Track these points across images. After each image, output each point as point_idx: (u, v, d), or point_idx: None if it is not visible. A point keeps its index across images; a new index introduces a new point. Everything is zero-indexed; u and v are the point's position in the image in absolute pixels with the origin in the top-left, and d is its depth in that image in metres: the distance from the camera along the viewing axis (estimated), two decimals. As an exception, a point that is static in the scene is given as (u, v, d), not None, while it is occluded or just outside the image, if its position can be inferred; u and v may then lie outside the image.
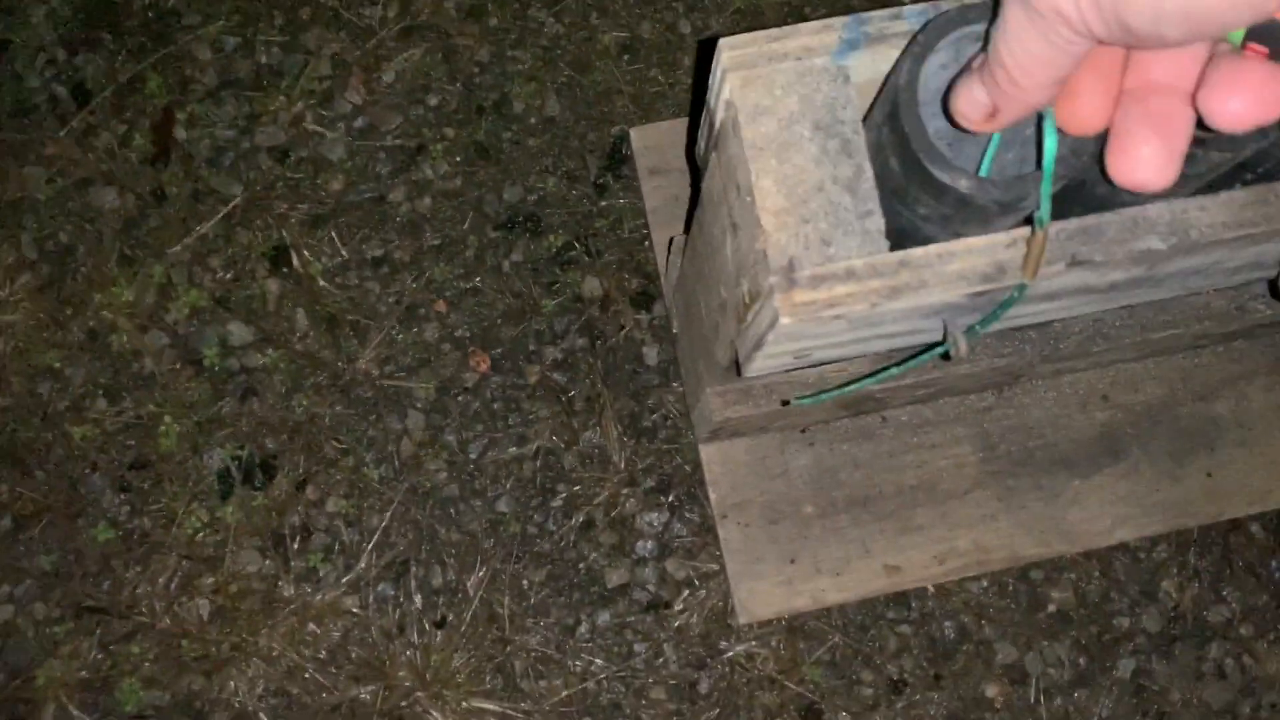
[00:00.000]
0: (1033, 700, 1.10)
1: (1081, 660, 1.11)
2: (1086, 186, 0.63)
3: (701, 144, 0.74)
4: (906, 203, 0.60)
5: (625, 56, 1.19)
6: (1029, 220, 0.61)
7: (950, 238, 0.60)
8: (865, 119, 0.66)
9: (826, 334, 0.64)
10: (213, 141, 1.14)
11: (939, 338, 0.70)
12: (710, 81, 0.66)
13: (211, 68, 1.15)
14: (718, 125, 0.67)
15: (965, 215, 0.58)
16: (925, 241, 0.61)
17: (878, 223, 0.60)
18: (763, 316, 0.63)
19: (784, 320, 0.60)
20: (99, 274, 1.12)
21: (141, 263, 1.12)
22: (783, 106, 0.62)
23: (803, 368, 0.89)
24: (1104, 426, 1.13)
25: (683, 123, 1.16)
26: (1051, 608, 1.12)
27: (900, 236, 0.62)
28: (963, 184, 0.55)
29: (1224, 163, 0.59)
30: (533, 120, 1.17)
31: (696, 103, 1.17)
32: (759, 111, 0.62)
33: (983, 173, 0.59)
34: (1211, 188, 0.62)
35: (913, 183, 0.58)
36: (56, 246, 1.12)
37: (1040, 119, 0.51)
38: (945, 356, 0.68)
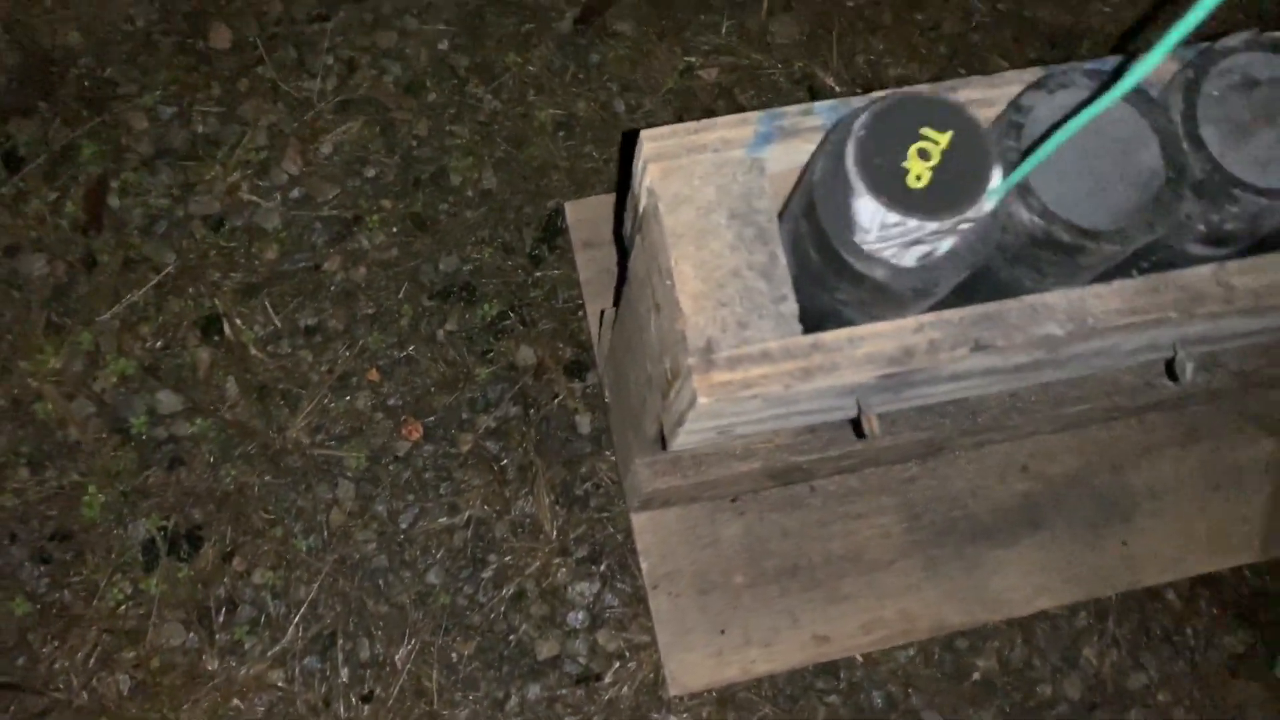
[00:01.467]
0: (959, 769, 1.11)
1: (1006, 728, 1.13)
2: (990, 272, 0.66)
3: (627, 226, 0.77)
4: (826, 288, 0.63)
5: (561, 133, 1.22)
6: (942, 304, 0.64)
7: (869, 319, 0.63)
8: (784, 210, 0.68)
9: (744, 412, 0.66)
10: (146, 210, 1.14)
11: (852, 414, 0.73)
12: (633, 170, 0.68)
13: (147, 136, 1.16)
14: (641, 210, 0.69)
15: (883, 300, 0.61)
16: (846, 323, 0.63)
17: (791, 307, 0.63)
18: (683, 395, 0.65)
19: (702, 400, 0.61)
20: (25, 341, 1.11)
21: (70, 330, 1.11)
22: (701, 195, 0.64)
23: (727, 440, 0.91)
24: (1023, 496, 1.16)
25: (612, 198, 1.19)
26: (976, 676, 1.14)
27: (821, 318, 0.64)
28: (879, 273, 0.58)
29: (1116, 254, 0.63)
30: (470, 193, 1.19)
31: (624, 183, 1.20)
32: (679, 200, 0.64)
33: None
34: (1106, 277, 0.66)
35: (830, 271, 0.60)
36: (-18, 313, 1.11)
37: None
38: (859, 434, 0.70)
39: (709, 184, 0.64)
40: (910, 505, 1.15)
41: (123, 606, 1.06)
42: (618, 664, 1.11)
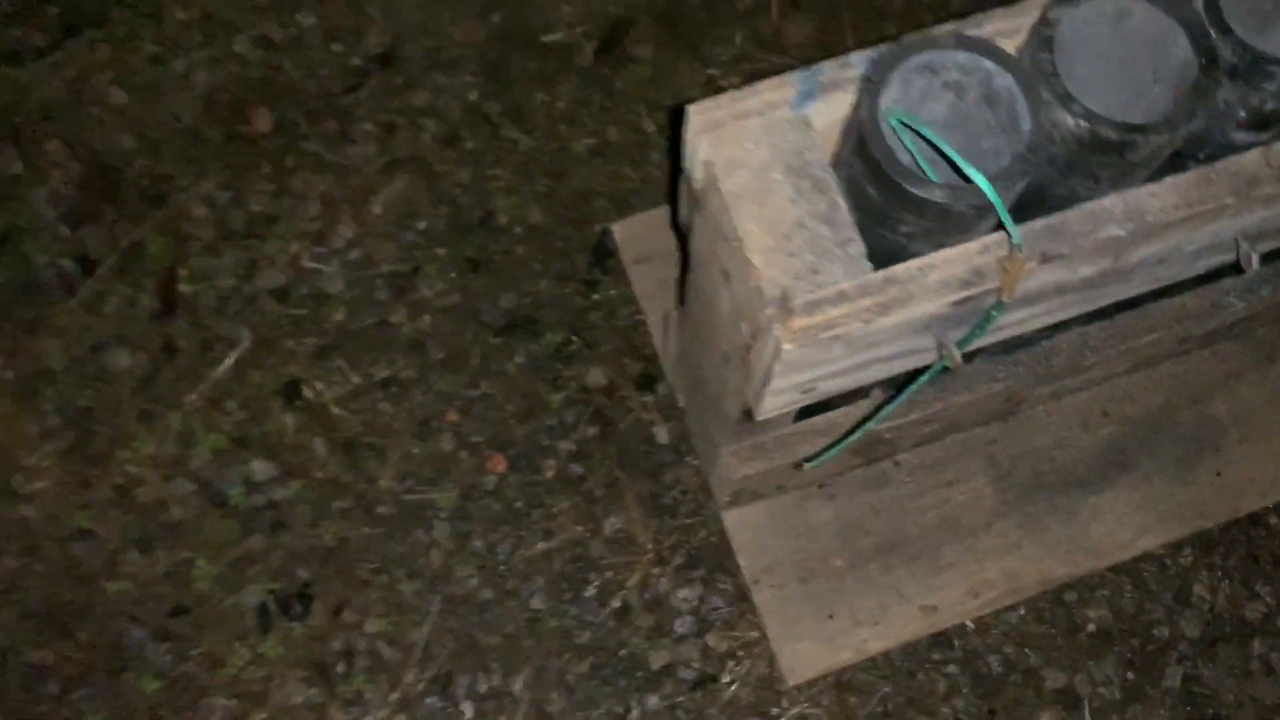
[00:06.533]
0: (1090, 723, 1.10)
1: (1129, 675, 1.11)
2: (1046, 188, 0.68)
3: (683, 209, 0.79)
4: (889, 225, 0.65)
5: (597, 160, 1.26)
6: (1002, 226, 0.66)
7: (936, 249, 0.65)
8: (837, 158, 0.71)
9: (827, 360, 0.68)
10: (216, 291, 1.19)
11: (932, 359, 0.74)
12: (683, 147, 0.71)
13: (208, 223, 1.21)
14: (697, 185, 0.72)
15: (946, 225, 0.63)
16: (907, 258, 0.65)
17: (859, 248, 0.65)
18: (766, 350, 0.67)
19: (787, 347, 0.63)
20: (120, 431, 1.15)
21: (160, 415, 1.15)
22: (754, 157, 0.67)
23: (812, 411, 0.92)
24: (1109, 441, 1.16)
25: (660, 212, 1.22)
26: (1091, 627, 1.13)
27: (889, 259, 0.66)
28: (938, 194, 0.60)
29: (1164, 147, 0.64)
30: (518, 229, 1.23)
31: (675, 181, 1.23)
32: (734, 165, 0.67)
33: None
34: (1159, 176, 0.67)
35: (893, 204, 0.63)
36: (77, 411, 1.15)
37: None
38: (944, 370, 0.72)
39: (761, 145, 0.67)
40: (997, 466, 1.15)
41: (245, 672, 1.09)
42: (731, 663, 1.11)
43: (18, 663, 1.09)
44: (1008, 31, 0.69)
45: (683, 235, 0.83)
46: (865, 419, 0.81)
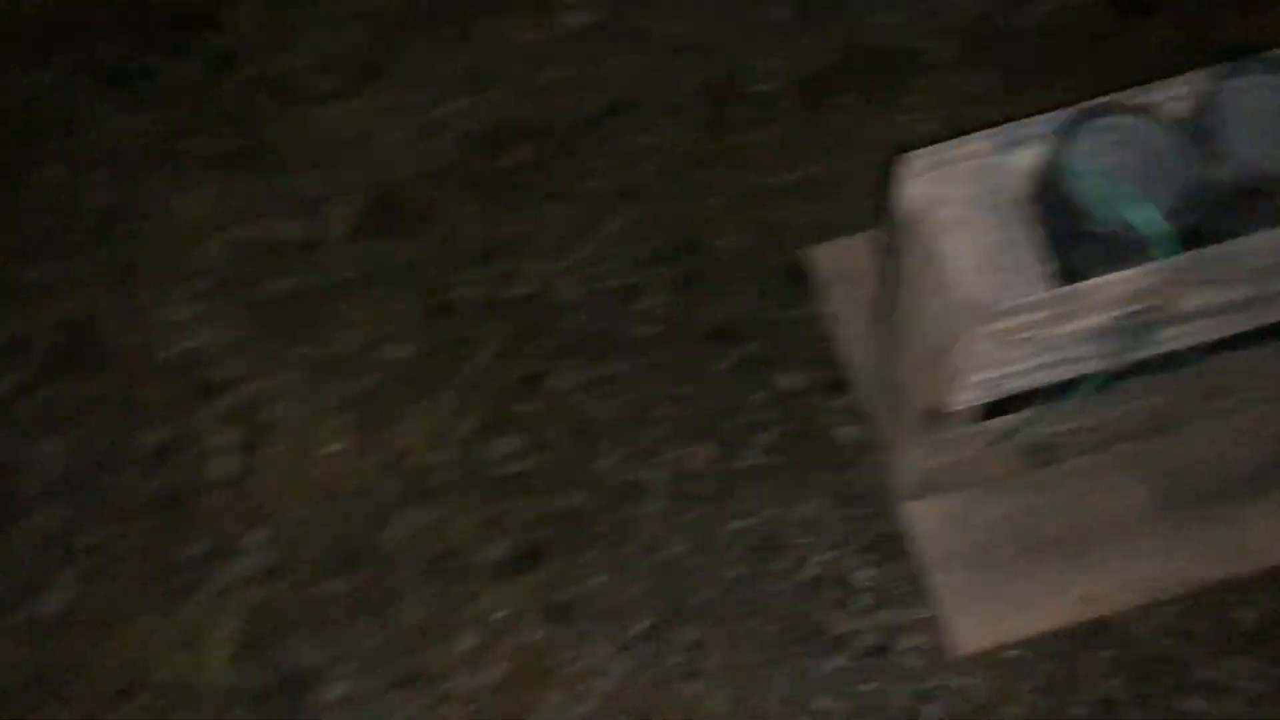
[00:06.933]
0: (1235, 715, 1.21)
1: (1278, 671, 1.22)
2: (1202, 225, 0.83)
3: (892, 235, 0.97)
4: (1071, 252, 0.81)
5: (797, 193, 1.45)
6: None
7: (1106, 273, 0.81)
8: (1029, 197, 0.87)
9: (1015, 359, 0.85)
10: (480, 296, 1.43)
11: (1101, 366, 0.90)
12: (899, 185, 0.89)
13: (472, 240, 1.46)
14: (910, 216, 0.90)
15: (1117, 253, 0.79)
16: (1086, 278, 0.81)
17: (1046, 269, 0.82)
18: (965, 349, 0.84)
19: (986, 346, 0.81)
20: (396, 411, 1.40)
21: (429, 398, 1.40)
22: (960, 194, 0.84)
23: (992, 407, 1.08)
24: (1262, 459, 1.27)
25: (852, 240, 1.40)
26: (1241, 625, 1.24)
27: (1069, 279, 0.82)
28: (1114, 230, 0.77)
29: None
30: (727, 252, 1.43)
31: (880, 213, 1.39)
32: (942, 200, 0.85)
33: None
34: (1302, 217, 0.82)
35: (1074, 236, 0.79)
36: (362, 392, 1.41)
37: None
38: (1110, 379, 0.87)
39: (965, 186, 0.84)
40: (1155, 476, 1.28)
41: (492, 611, 1.31)
42: (905, 635, 1.27)
43: (309, 592, 1.34)
44: (1173, 97, 0.85)
45: (888, 256, 1.01)
46: (1047, 409, 0.96)
